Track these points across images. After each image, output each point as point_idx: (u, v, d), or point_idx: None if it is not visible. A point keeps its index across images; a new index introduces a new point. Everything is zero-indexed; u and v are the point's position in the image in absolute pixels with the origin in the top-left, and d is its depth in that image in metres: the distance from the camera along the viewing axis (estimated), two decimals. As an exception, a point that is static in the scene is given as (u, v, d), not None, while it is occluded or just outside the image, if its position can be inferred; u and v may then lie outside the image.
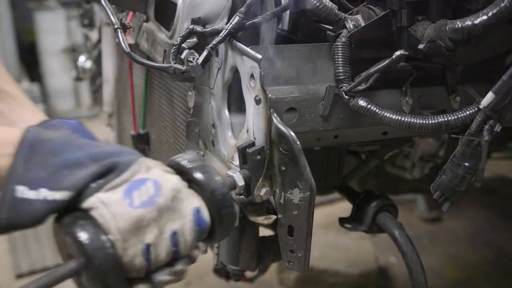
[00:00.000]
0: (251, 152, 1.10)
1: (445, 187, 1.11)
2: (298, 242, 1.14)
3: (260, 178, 1.12)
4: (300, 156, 1.04)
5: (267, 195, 1.14)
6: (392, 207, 1.52)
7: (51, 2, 5.43)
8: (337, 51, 1.13)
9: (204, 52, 1.18)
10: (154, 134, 1.78)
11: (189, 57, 1.18)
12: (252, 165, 1.11)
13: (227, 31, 1.16)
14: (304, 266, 1.15)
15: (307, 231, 1.11)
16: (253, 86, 1.10)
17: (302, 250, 1.13)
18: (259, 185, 1.12)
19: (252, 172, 1.12)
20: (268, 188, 1.13)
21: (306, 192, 1.07)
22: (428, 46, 1.11)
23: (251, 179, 1.12)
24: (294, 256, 1.16)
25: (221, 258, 1.54)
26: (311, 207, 1.08)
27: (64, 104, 5.70)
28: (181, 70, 1.19)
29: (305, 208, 1.08)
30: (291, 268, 1.17)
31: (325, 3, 1.12)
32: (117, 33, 1.35)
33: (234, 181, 1.12)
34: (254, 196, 1.13)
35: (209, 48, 1.18)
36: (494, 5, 1.00)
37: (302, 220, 1.10)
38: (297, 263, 1.16)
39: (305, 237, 1.12)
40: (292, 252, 1.16)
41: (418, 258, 1.39)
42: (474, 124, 1.05)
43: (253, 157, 1.10)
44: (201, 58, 1.18)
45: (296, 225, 1.12)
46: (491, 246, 3.28)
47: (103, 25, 2.09)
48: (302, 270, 1.15)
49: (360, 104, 1.13)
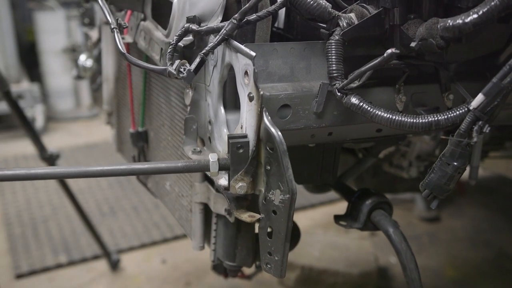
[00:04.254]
0: (232, 142, 1.11)
1: (433, 185, 1.12)
2: (276, 245, 1.14)
3: (240, 171, 1.13)
4: (284, 157, 1.05)
5: (242, 190, 1.14)
6: (387, 205, 1.53)
7: (51, 2, 5.45)
8: (330, 48, 1.14)
9: (197, 59, 1.19)
10: (153, 132, 1.80)
11: (180, 67, 1.19)
12: (232, 156, 1.12)
13: (221, 37, 1.17)
14: (280, 270, 1.14)
15: (285, 235, 1.11)
16: (247, 83, 1.11)
17: (279, 254, 1.13)
18: (237, 178, 1.13)
19: (231, 163, 1.13)
20: (245, 184, 1.13)
21: (286, 194, 1.07)
22: (420, 44, 1.12)
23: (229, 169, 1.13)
24: (271, 259, 1.16)
25: (218, 254, 1.56)
26: (290, 210, 1.08)
27: (64, 104, 5.71)
28: (175, 75, 1.20)
29: (285, 210, 1.08)
30: (268, 271, 1.17)
31: (319, 1, 1.14)
32: (114, 33, 1.37)
33: (208, 164, 1.13)
34: (230, 186, 1.14)
35: (202, 55, 1.19)
36: (484, 4, 1.01)
37: (280, 222, 1.10)
38: (274, 267, 1.16)
39: (283, 241, 1.11)
40: (270, 255, 1.16)
41: (412, 256, 1.40)
42: (464, 125, 1.07)
43: (233, 148, 1.11)
44: (194, 65, 1.19)
45: (275, 227, 1.13)
46: (491, 246, 3.28)
47: (102, 24, 2.11)
48: (278, 274, 1.15)
49: (352, 101, 1.14)
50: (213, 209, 1.46)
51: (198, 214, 1.52)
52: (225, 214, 1.40)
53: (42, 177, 1.18)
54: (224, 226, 1.50)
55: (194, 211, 1.53)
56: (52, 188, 3.95)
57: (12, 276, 3.02)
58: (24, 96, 5.20)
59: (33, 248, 3.28)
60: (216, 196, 1.43)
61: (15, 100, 2.58)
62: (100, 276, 3.05)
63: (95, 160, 4.56)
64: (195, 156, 1.36)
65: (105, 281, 3.01)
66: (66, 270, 3.10)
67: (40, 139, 2.73)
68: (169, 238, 3.38)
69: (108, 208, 3.77)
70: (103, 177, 1.14)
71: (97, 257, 3.18)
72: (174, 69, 1.19)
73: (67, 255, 3.20)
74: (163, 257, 3.21)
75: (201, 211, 1.52)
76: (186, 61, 1.21)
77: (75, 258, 3.17)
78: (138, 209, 3.73)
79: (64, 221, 3.57)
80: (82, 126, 5.57)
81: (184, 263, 3.14)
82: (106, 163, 4.03)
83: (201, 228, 1.54)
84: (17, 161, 4.59)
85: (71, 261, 3.15)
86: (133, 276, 3.05)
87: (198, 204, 1.51)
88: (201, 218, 1.53)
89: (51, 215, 3.67)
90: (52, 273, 3.06)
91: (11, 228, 3.50)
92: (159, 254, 3.24)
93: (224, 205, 1.40)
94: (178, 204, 1.66)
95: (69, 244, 3.32)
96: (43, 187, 4.03)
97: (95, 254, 3.19)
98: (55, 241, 3.34)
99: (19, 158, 4.63)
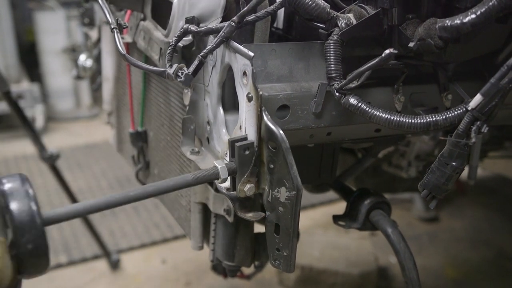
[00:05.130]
0: (239, 146, 1.11)
1: (432, 185, 1.12)
2: (284, 241, 1.15)
3: (246, 173, 1.13)
4: (288, 154, 1.05)
5: (250, 191, 1.15)
6: (385, 204, 1.53)
7: (51, 2, 5.45)
8: (329, 49, 1.14)
9: (196, 61, 1.19)
10: (152, 132, 1.80)
11: (178, 72, 1.19)
12: (239, 159, 1.12)
13: (219, 40, 1.17)
14: (289, 265, 1.16)
15: (293, 231, 1.12)
16: (245, 84, 1.12)
17: (288, 249, 1.14)
18: (244, 180, 1.13)
19: (238, 166, 1.13)
20: (252, 185, 1.14)
21: (292, 191, 1.08)
22: (418, 44, 1.12)
23: (237, 173, 1.14)
24: (280, 254, 1.17)
25: (217, 254, 1.56)
26: (297, 206, 1.09)
27: (64, 104, 5.72)
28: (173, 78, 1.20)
29: (291, 207, 1.09)
30: (277, 267, 1.18)
31: (318, 1, 1.14)
32: (114, 33, 1.37)
33: (218, 172, 1.13)
34: (237, 190, 1.15)
35: (200, 57, 1.19)
36: (482, 4, 1.02)
37: (287, 219, 1.12)
38: (283, 262, 1.17)
39: (291, 236, 1.13)
40: (278, 251, 1.17)
41: (410, 255, 1.40)
42: (462, 125, 1.07)
43: (240, 151, 1.11)
44: (192, 68, 1.19)
45: (282, 223, 1.14)
46: (491, 246, 3.29)
47: (102, 24, 2.11)
48: (287, 269, 1.16)
49: (350, 102, 1.14)
50: (212, 209, 1.46)
51: (197, 214, 1.52)
52: (224, 214, 1.40)
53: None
54: (223, 226, 1.50)
55: (193, 211, 1.53)
56: (52, 188, 3.95)
57: (12, 276, 3.02)
58: (24, 96, 5.20)
59: (33, 248, 3.28)
60: (215, 196, 1.43)
61: (15, 100, 2.58)
62: (100, 276, 3.05)
63: (95, 160, 4.56)
64: (194, 157, 1.36)
65: (105, 281, 3.01)
66: (66, 270, 3.10)
67: (40, 139, 2.73)
68: (169, 238, 3.39)
69: (108, 208, 3.76)
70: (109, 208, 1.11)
71: (97, 257, 3.18)
72: (172, 73, 1.19)
73: (67, 255, 3.20)
74: (163, 257, 3.21)
75: (200, 211, 1.52)
76: (184, 65, 1.21)
77: (75, 258, 3.17)
78: (138, 209, 3.73)
79: (64, 221, 3.57)
80: (82, 126, 5.58)
81: (184, 263, 3.14)
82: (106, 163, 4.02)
83: (200, 228, 1.54)
84: (17, 161, 4.59)
85: (71, 261, 3.15)
86: (133, 276, 3.06)
87: (197, 204, 1.51)
88: (200, 218, 1.53)
89: (51, 215, 3.66)
90: (52, 273, 3.06)
91: (11, 228, 3.50)
92: (159, 254, 3.25)
93: (223, 205, 1.40)
94: (177, 204, 1.66)
95: (69, 244, 3.32)
96: (43, 187, 4.03)
97: (95, 254, 3.19)
98: (55, 241, 3.34)
99: (19, 158, 4.64)
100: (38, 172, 4.28)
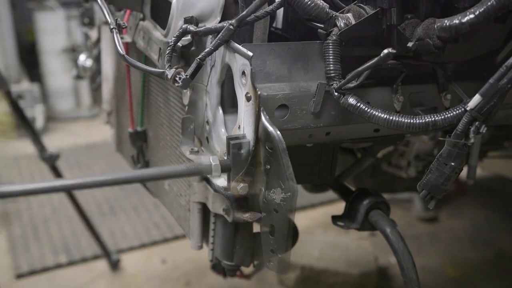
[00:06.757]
0: (233, 144, 1.11)
1: (431, 186, 1.12)
2: (278, 242, 1.14)
3: (240, 172, 1.13)
4: (284, 155, 1.05)
5: (244, 191, 1.15)
6: (384, 204, 1.53)
7: (51, 2, 5.46)
8: (328, 49, 1.15)
9: (194, 64, 1.19)
10: (152, 132, 1.80)
11: (176, 76, 1.19)
12: (233, 157, 1.12)
13: (217, 43, 1.17)
14: (284, 267, 1.16)
15: (287, 232, 1.12)
16: (244, 83, 1.12)
17: (282, 251, 1.14)
18: (238, 179, 1.13)
19: (232, 164, 1.13)
20: (246, 184, 1.14)
21: (287, 192, 1.08)
22: (417, 44, 1.12)
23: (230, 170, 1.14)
24: (274, 256, 1.17)
25: (216, 254, 1.56)
26: (292, 208, 1.09)
27: (64, 104, 5.72)
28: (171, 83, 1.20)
29: (286, 209, 1.09)
30: (271, 268, 1.18)
31: (316, 1, 1.14)
32: (113, 34, 1.37)
33: (211, 167, 1.13)
34: (231, 188, 1.15)
35: (198, 60, 1.19)
36: (481, 4, 1.02)
37: (283, 220, 1.11)
38: (277, 264, 1.17)
39: (285, 238, 1.12)
40: (272, 252, 1.17)
41: (409, 255, 1.40)
42: (461, 125, 1.07)
43: (234, 149, 1.11)
44: (191, 70, 1.19)
45: (277, 225, 1.13)
46: (491, 246, 3.29)
47: (102, 24, 2.11)
48: (282, 271, 1.17)
49: (349, 102, 1.14)
50: (211, 209, 1.46)
51: (196, 213, 1.52)
52: (223, 213, 1.40)
53: (47, 191, 1.11)
54: (222, 225, 1.50)
55: (192, 211, 1.53)
56: (52, 188, 3.95)
57: (12, 276, 3.02)
58: (24, 96, 5.21)
59: (33, 248, 3.28)
60: (214, 196, 1.43)
61: (15, 100, 2.59)
62: (100, 276, 3.05)
63: (95, 160, 4.57)
64: (193, 156, 1.36)
65: (105, 281, 3.01)
66: (66, 270, 3.10)
67: (40, 139, 2.73)
68: (169, 238, 3.39)
69: (108, 208, 3.77)
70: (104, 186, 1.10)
71: (97, 257, 3.18)
72: (170, 78, 1.19)
73: (67, 255, 3.20)
74: (163, 257, 3.21)
75: (199, 210, 1.52)
76: (181, 69, 1.20)
77: (75, 258, 3.18)
78: (138, 209, 3.74)
79: (64, 221, 3.58)
80: (82, 126, 5.58)
81: (184, 263, 3.14)
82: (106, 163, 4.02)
83: (199, 228, 1.54)
84: (17, 161, 4.59)
85: (71, 261, 3.16)
86: (133, 276, 3.06)
87: (196, 203, 1.51)
88: (199, 218, 1.53)
89: (51, 215, 3.67)
90: (52, 273, 3.06)
91: (11, 228, 3.51)
92: (159, 254, 3.25)
93: (222, 205, 1.40)
94: (177, 204, 1.66)
95: (69, 244, 3.32)
96: (43, 187, 4.03)
97: (95, 254, 3.19)
98: (55, 241, 3.35)
99: (19, 158, 4.64)
100: (38, 172, 4.29)
